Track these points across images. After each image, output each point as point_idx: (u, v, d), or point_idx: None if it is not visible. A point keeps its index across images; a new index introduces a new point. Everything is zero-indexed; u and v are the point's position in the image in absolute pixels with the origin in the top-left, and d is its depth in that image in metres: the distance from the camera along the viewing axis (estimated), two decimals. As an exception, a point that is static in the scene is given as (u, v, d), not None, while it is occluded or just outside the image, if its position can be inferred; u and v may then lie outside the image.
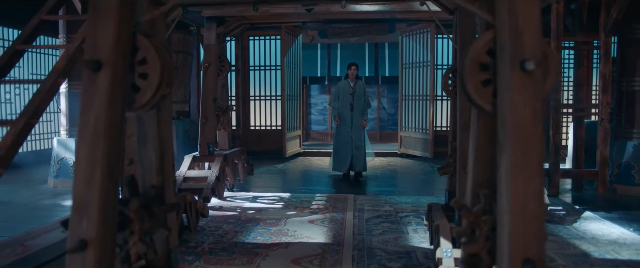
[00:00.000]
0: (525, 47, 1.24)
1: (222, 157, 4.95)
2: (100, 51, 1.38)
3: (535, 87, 1.23)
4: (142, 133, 1.71)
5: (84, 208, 1.35)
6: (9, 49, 2.83)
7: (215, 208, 4.65)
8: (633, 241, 3.66)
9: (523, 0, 1.25)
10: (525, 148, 1.22)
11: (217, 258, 3.25)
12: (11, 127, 2.37)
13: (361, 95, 6.54)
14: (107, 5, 1.39)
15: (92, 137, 1.36)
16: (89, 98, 1.38)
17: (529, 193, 1.21)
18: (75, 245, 1.32)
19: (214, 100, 5.05)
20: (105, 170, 1.37)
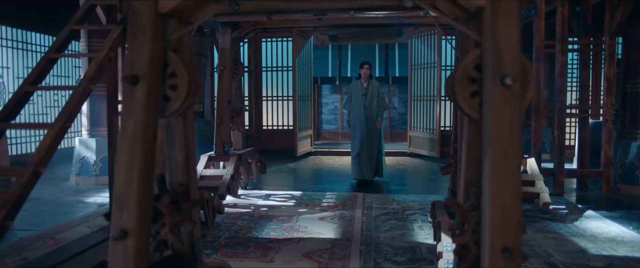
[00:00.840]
0: (506, 65, 1.43)
1: (236, 156, 5.18)
2: (138, 68, 1.60)
3: (513, 100, 1.42)
4: (170, 137, 1.92)
5: (124, 202, 1.56)
6: (43, 58, 3.08)
7: (230, 206, 4.88)
8: (631, 239, 3.81)
9: (504, 24, 1.43)
10: (505, 152, 1.41)
11: (233, 252, 3.47)
12: (49, 130, 2.62)
13: (374, 96, 6.14)
14: (143, 29, 1.60)
15: (131, 142, 1.58)
16: (128, 108, 1.60)
17: (508, 191, 1.40)
18: (117, 234, 1.54)
19: (229, 102, 5.28)
20: (142, 169, 1.59)
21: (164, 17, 1.67)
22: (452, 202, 1.68)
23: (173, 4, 1.63)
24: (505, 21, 1.44)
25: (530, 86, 1.54)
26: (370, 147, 6.12)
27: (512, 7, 1.44)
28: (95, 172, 6.45)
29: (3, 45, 7.95)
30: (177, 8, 1.67)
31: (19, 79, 8.32)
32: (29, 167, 2.47)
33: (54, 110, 9.15)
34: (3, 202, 2.30)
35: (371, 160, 6.13)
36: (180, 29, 1.79)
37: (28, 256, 3.32)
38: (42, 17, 8.24)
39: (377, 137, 6.21)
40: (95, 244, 3.49)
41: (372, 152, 6.13)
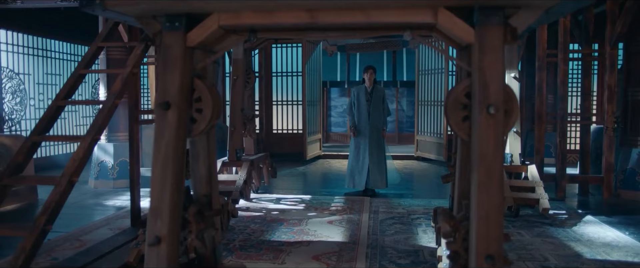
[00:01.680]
0: (491, 96, 1.64)
1: (249, 162, 5.42)
2: (169, 95, 1.83)
3: (497, 126, 1.63)
4: (195, 152, 2.16)
5: (158, 212, 1.80)
6: (73, 73, 3.34)
7: (243, 209, 5.12)
8: (626, 244, 3.98)
9: (489, 60, 1.65)
10: (489, 170, 1.62)
11: (247, 254, 3.71)
12: (82, 142, 2.87)
13: (379, 102, 5.93)
14: (174, 61, 1.84)
15: (163, 159, 1.81)
16: (161, 130, 1.83)
17: (492, 205, 1.61)
18: (152, 241, 1.77)
19: (242, 110, 5.52)
20: (174, 184, 1.82)
21: (191, 49, 1.90)
22: (446, 213, 1.89)
23: (200, 38, 1.86)
24: (491, 57, 1.65)
25: (515, 112, 1.75)
26: (379, 156, 5.90)
27: (496, 45, 1.65)
28: (112, 175, 6.73)
29: (24, 52, 8.27)
30: (203, 41, 1.90)
31: (39, 85, 8.65)
32: (65, 176, 2.72)
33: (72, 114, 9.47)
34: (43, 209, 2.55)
35: (381, 170, 5.90)
36: (205, 59, 2.02)
37: (58, 256, 3.58)
38: (60, 26, 8.56)
39: (383, 146, 6.01)
40: (120, 246, 3.76)
41: (382, 162, 5.92)
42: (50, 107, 3.13)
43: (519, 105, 6.94)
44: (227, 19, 1.82)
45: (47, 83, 8.87)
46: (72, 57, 9.57)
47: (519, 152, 5.22)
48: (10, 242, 3.83)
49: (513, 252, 3.73)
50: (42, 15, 8.04)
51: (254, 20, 1.81)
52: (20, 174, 2.89)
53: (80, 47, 9.74)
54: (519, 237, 4.15)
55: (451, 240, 1.85)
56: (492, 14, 1.65)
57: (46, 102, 8.85)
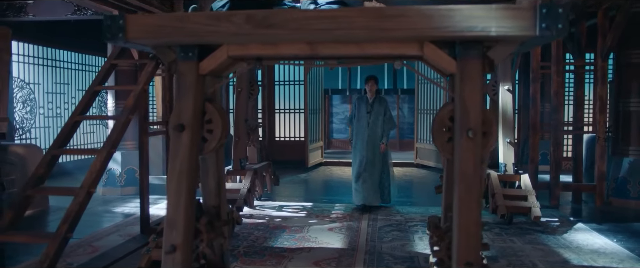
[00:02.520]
0: (470, 121, 1.84)
1: (252, 170, 5.63)
2: (183, 118, 2.04)
3: (476, 148, 1.83)
4: (205, 168, 2.37)
5: (173, 223, 2.00)
6: (89, 90, 3.56)
7: (247, 217, 5.32)
8: (613, 250, 4.17)
9: (469, 89, 1.85)
10: (469, 187, 1.82)
11: (251, 260, 3.90)
12: (98, 155, 3.08)
13: (380, 114, 5.68)
14: (187, 87, 2.05)
15: (178, 176, 2.02)
16: (176, 150, 2.04)
17: (471, 218, 1.81)
18: (169, 249, 1.98)
19: (246, 121, 5.73)
20: (187, 197, 2.03)
21: (203, 76, 2.11)
22: (433, 224, 2.10)
23: (211, 67, 2.07)
24: (471, 86, 1.85)
25: (493, 134, 1.95)
26: (373, 171, 5.63)
27: (475, 76, 1.86)
28: (120, 183, 6.94)
29: (34, 62, 8.52)
30: (214, 69, 2.11)
31: (48, 94, 8.89)
32: (83, 188, 2.93)
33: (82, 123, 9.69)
34: (65, 218, 2.76)
35: (374, 185, 5.64)
36: (215, 84, 2.23)
37: (73, 261, 3.78)
38: (69, 36, 8.80)
39: (381, 159, 5.72)
40: (131, 252, 3.97)
41: (375, 176, 5.64)
42: (68, 123, 3.35)
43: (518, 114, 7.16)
44: (235, 50, 2.03)
45: (56, 92, 9.11)
46: (80, 66, 9.82)
47: (513, 162, 5.41)
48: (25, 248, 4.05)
49: (504, 258, 3.93)
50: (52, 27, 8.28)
51: (259, 52, 2.03)
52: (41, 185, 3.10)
53: (88, 57, 9.99)
54: (511, 243, 4.34)
55: (437, 249, 2.05)
56: (471, 47, 1.85)
57: (55, 111, 9.10)
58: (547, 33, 1.71)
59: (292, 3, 3.09)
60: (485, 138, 1.93)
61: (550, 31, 1.71)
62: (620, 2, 5.51)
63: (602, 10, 5.86)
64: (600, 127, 5.95)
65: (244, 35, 1.88)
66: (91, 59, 10.09)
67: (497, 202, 4.85)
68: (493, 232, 4.71)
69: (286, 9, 1.97)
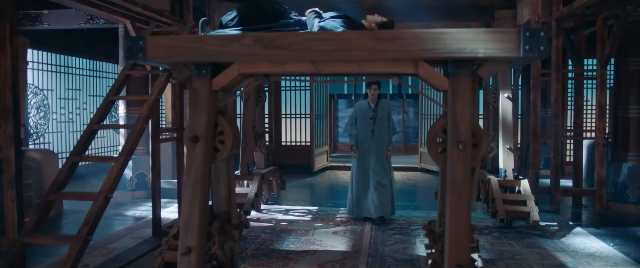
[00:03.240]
0: (461, 134, 2.01)
1: (259, 175, 5.81)
2: (198, 130, 2.22)
3: (466, 159, 1.99)
4: (216, 176, 2.54)
5: (188, 227, 2.18)
6: (105, 100, 3.75)
7: (254, 220, 5.50)
8: (608, 254, 4.30)
9: (460, 104, 2.02)
10: (459, 195, 1.98)
11: (259, 262, 4.08)
12: (115, 163, 3.27)
13: (384, 119, 5.44)
14: (201, 102, 2.23)
15: (193, 184, 2.20)
16: (190, 159, 2.22)
17: (461, 224, 1.97)
18: (184, 251, 2.15)
19: (253, 127, 5.92)
20: (201, 203, 2.20)
21: (215, 92, 2.29)
22: (428, 228, 2.26)
23: (223, 83, 2.25)
24: (461, 102, 2.02)
25: (483, 145, 2.11)
26: (385, 180, 5.37)
27: (466, 92, 2.02)
28: (131, 187, 7.14)
29: (47, 69, 8.76)
30: (225, 85, 2.29)
31: (61, 100, 9.13)
32: (102, 193, 3.12)
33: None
34: (85, 221, 2.95)
35: (388, 195, 5.37)
36: (226, 98, 2.41)
37: (89, 263, 3.97)
38: (81, 43, 9.05)
39: (389, 167, 5.52)
40: (144, 254, 4.16)
41: (386, 187, 5.37)
42: (86, 131, 3.55)
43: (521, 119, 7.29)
44: (245, 68, 2.21)
45: (68, 98, 9.36)
46: (92, 72, 10.07)
47: (513, 167, 5.54)
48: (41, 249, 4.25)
49: (502, 261, 4.07)
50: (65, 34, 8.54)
51: (268, 69, 2.20)
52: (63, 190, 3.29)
53: (99, 63, 10.24)
54: (510, 247, 4.48)
55: (432, 252, 2.22)
56: (462, 66, 2.02)
57: (67, 116, 9.34)
58: (530, 54, 1.87)
59: (297, 17, 3.27)
60: (475, 149, 2.09)
61: (533, 53, 1.87)
62: (618, 11, 5.63)
63: (601, 19, 5.98)
64: (600, 133, 6.07)
65: (253, 55, 2.06)
66: (102, 65, 10.34)
67: (496, 207, 4.99)
68: (493, 236, 4.85)
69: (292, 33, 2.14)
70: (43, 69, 8.65)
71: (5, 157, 3.48)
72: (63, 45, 8.85)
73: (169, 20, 5.67)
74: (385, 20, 3.22)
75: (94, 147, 9.84)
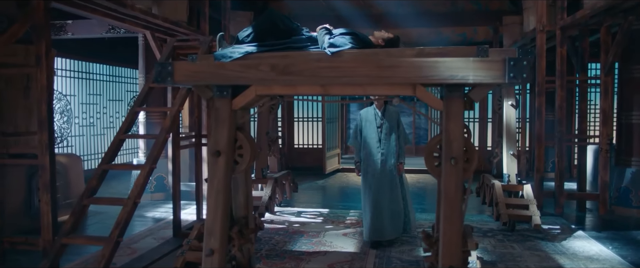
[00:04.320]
0: (453, 150, 2.25)
1: (273, 179, 6.09)
2: (219, 145, 2.50)
3: (457, 173, 2.24)
4: (235, 185, 2.82)
5: (212, 231, 2.46)
6: (130, 111, 4.06)
7: (268, 222, 5.78)
8: (606, 257, 4.49)
9: (453, 124, 2.26)
10: (451, 205, 2.23)
11: (272, 262, 4.35)
12: (142, 170, 3.57)
13: (393, 127, 4.81)
14: (223, 120, 2.50)
15: (216, 193, 2.48)
16: (213, 171, 2.50)
17: (453, 230, 2.22)
18: (208, 252, 2.43)
19: (267, 133, 6.20)
20: (223, 210, 2.48)
21: (235, 111, 2.57)
22: (425, 234, 2.51)
23: (242, 103, 2.52)
24: (454, 122, 2.26)
25: (474, 160, 2.36)
26: (393, 198, 4.79)
27: (458, 113, 2.27)
28: (150, 189, 7.48)
29: (69, 75, 9.16)
30: (244, 105, 2.56)
31: (83, 105, 9.53)
32: (131, 199, 3.42)
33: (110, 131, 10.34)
34: (116, 224, 3.25)
35: (395, 215, 4.79)
36: (245, 116, 2.69)
37: (116, 262, 4.27)
38: (102, 50, 9.43)
39: (400, 183, 4.90)
40: (166, 254, 4.46)
41: (396, 204, 4.80)
42: (114, 141, 3.86)
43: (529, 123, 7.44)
44: (262, 90, 2.48)
45: (89, 103, 9.76)
46: (112, 78, 10.46)
47: (516, 173, 5.74)
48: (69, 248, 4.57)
49: (502, 262, 4.30)
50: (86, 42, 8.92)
51: (282, 92, 2.48)
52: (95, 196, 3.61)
53: (118, 69, 10.63)
54: (511, 249, 4.70)
55: (429, 255, 2.46)
56: (454, 90, 2.27)
57: (88, 120, 9.73)
58: (515, 81, 2.11)
59: (309, 33, 3.52)
60: (467, 164, 2.33)
61: (517, 79, 2.11)
62: (621, 21, 5.80)
63: (605, 28, 6.15)
64: (604, 139, 6.24)
65: (269, 80, 2.33)
66: (121, 70, 10.73)
67: (500, 210, 5.20)
68: (496, 239, 5.07)
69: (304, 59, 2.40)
70: (66, 75, 9.04)
71: (42, 164, 3.82)
72: (85, 52, 9.24)
73: (187, 31, 5.98)
74: (392, 36, 3.43)
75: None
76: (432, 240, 2.44)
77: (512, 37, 8.23)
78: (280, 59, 2.45)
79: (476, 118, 10.22)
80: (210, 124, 3.56)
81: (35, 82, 3.96)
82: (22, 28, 4.22)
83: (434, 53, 2.63)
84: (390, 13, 9.40)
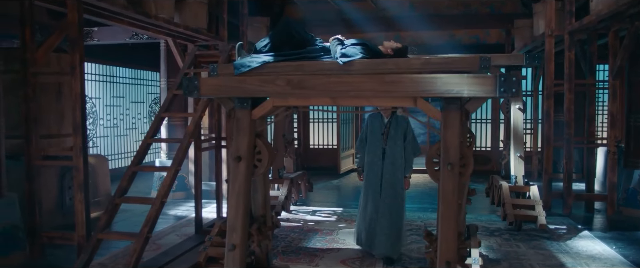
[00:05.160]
0: (450, 156, 2.50)
1: (289, 179, 6.38)
2: (240, 151, 2.78)
3: (454, 177, 2.48)
4: (255, 186, 3.11)
5: (234, 228, 2.74)
6: (157, 117, 4.39)
7: (284, 220, 6.06)
8: (608, 256, 4.66)
9: (450, 133, 2.51)
10: (448, 205, 2.47)
11: (288, 258, 4.63)
12: (168, 172, 3.88)
13: (400, 136, 4.38)
14: (243, 128, 2.79)
15: (237, 195, 2.76)
16: (235, 175, 2.78)
17: (449, 229, 2.46)
18: (230, 247, 2.72)
19: (283, 135, 6.49)
20: (244, 210, 2.76)
21: (254, 120, 2.85)
22: (427, 232, 2.76)
23: (260, 113, 2.80)
24: (451, 131, 2.51)
25: (470, 165, 2.60)
26: (392, 211, 4.37)
27: (455, 123, 2.51)
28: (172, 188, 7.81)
29: (94, 79, 9.58)
30: (262, 115, 2.84)
31: (107, 107, 9.95)
32: (158, 198, 3.74)
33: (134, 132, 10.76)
34: (146, 221, 3.57)
35: (392, 232, 4.36)
36: (263, 124, 2.97)
37: (143, 257, 4.59)
38: (125, 54, 9.83)
39: (402, 199, 4.46)
40: (189, 249, 4.77)
41: (395, 219, 4.38)
42: (142, 144, 4.19)
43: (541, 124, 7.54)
44: (278, 102, 2.75)
45: (113, 105, 10.18)
46: (134, 81, 10.88)
47: (523, 174, 5.92)
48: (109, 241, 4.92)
49: (506, 261, 4.50)
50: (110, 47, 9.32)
51: (296, 103, 2.75)
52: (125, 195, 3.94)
53: (140, 72, 11.04)
54: (516, 248, 4.90)
55: (429, 251, 2.71)
56: (451, 102, 2.51)
57: (112, 122, 10.15)
58: (505, 94, 2.35)
59: (322, 43, 3.77)
60: (464, 168, 2.58)
61: (507, 93, 2.34)
62: (628, 25, 5.93)
63: (613, 32, 6.28)
64: (611, 141, 6.37)
65: (285, 93, 2.61)
66: (143, 73, 11.14)
67: (506, 211, 5.40)
68: (502, 238, 5.27)
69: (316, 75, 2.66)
70: (91, 79, 9.46)
71: (76, 165, 4.16)
72: (108, 56, 9.64)
73: (207, 37, 6.30)
74: (400, 46, 3.64)
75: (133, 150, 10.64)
76: (432, 238, 2.69)
77: (523, 40, 8.39)
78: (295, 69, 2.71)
79: (488, 119, 10.35)
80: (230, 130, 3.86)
81: (69, 89, 4.31)
82: (58, 39, 4.59)
83: (439, 62, 2.88)
84: (404, 16, 9.62)
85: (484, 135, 10.12)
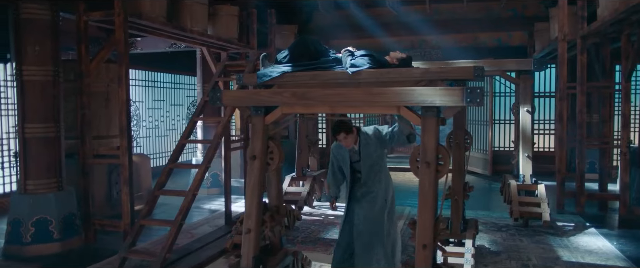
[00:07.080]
0: (428, 155, 2.95)
1: (312, 177, 6.91)
2: (255, 151, 3.33)
3: (431, 173, 2.93)
4: (269, 181, 3.64)
5: (249, 215, 3.29)
6: (191, 120, 5.02)
7: (306, 214, 6.60)
8: (606, 251, 4.94)
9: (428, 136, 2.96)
10: (424, 198, 2.92)
11: (306, 246, 5.16)
12: (199, 169, 4.50)
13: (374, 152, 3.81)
14: (257, 132, 3.33)
15: (252, 187, 3.31)
16: (250, 171, 3.33)
17: (426, 218, 2.91)
18: (246, 231, 3.26)
19: (307, 136, 7.03)
20: (257, 199, 3.30)
21: (267, 125, 3.38)
22: (413, 221, 3.22)
23: (272, 119, 3.33)
24: (429, 135, 2.96)
25: (447, 164, 3.04)
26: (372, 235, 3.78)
27: (432, 128, 2.96)
28: (207, 185, 8.52)
29: (138, 84, 10.42)
30: (273, 120, 3.38)
31: (149, 110, 10.78)
32: (190, 191, 4.36)
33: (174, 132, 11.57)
34: (180, 211, 4.19)
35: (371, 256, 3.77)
36: (275, 128, 3.50)
37: (178, 242, 5.24)
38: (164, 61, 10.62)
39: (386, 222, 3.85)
40: (218, 237, 5.38)
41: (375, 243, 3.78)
42: (178, 145, 4.83)
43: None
44: (286, 110, 3.27)
45: (154, 108, 11.01)
46: (173, 85, 11.69)
47: (530, 173, 6.21)
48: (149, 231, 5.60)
49: (506, 253, 4.87)
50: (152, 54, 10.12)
51: (301, 111, 3.26)
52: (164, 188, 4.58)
53: (179, 76, 11.85)
54: (519, 242, 5.24)
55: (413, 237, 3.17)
56: (429, 110, 2.95)
57: (154, 123, 10.99)
58: (471, 104, 2.78)
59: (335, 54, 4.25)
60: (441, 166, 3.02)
61: (473, 103, 2.77)
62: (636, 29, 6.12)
63: (625, 35, 6.46)
64: (624, 142, 6.56)
65: (291, 103, 3.13)
66: (181, 77, 11.95)
67: (512, 208, 5.74)
68: (508, 233, 5.61)
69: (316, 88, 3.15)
70: (135, 84, 10.31)
71: (122, 163, 4.84)
72: (150, 63, 10.46)
73: (238, 46, 6.92)
74: (404, 56, 4.07)
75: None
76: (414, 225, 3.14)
77: (542, 43, 8.59)
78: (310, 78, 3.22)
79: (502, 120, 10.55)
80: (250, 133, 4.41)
81: (116, 96, 4.99)
82: (107, 53, 5.30)
83: (437, 71, 3.34)
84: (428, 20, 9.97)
85: (506, 136, 10.30)
